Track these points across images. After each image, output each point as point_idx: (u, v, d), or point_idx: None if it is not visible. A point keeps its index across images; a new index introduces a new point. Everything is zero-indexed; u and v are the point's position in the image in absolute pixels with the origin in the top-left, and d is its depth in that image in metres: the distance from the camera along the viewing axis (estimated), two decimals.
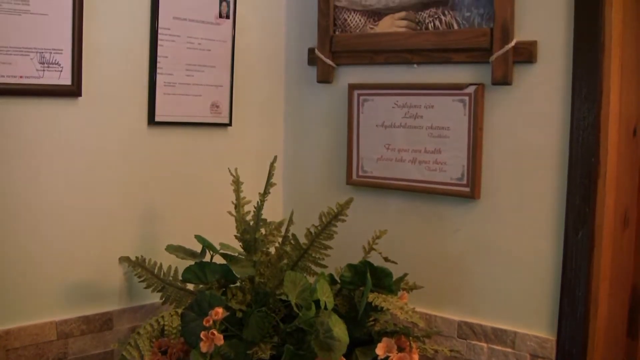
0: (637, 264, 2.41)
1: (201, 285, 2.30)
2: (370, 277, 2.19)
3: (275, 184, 2.39)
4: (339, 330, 2.06)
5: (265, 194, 2.36)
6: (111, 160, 2.49)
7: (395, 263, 2.37)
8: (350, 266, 2.27)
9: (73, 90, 2.35)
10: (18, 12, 2.21)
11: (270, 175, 2.36)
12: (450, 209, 2.58)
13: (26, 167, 2.29)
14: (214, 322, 2.06)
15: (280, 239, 2.40)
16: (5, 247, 2.27)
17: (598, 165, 2.25)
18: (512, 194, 2.44)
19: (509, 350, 2.46)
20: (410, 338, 2.22)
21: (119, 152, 2.51)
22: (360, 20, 2.75)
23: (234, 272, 2.28)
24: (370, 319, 2.28)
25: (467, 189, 2.51)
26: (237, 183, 2.41)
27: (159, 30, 2.55)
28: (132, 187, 2.55)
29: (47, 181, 2.33)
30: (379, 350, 2.14)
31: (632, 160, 2.36)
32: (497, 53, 2.41)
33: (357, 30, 2.76)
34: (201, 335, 2.05)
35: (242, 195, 2.41)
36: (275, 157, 2.40)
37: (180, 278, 2.34)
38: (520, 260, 2.44)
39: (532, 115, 2.40)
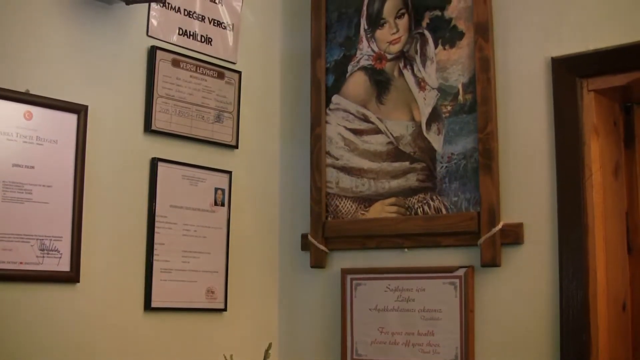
0: None
1: None
2: None
3: None
4: None
5: None
6: (107, 346, 2.48)
7: None
8: None
9: (71, 277, 2.38)
10: (21, 200, 2.28)
11: None
12: None
13: (23, 351, 2.28)
14: None
15: None
16: None
17: (590, 341, 2.27)
18: None
19: None
20: None
21: (116, 337, 2.51)
22: (351, 207, 2.83)
23: None
24: None
25: None
26: None
27: (156, 218, 2.63)
28: None
29: None
30: None
31: (624, 335, 2.38)
32: (485, 236, 2.48)
33: (349, 216, 2.83)
34: None
35: None
36: (270, 345, 2.42)
37: None
38: None
39: (522, 295, 2.43)
